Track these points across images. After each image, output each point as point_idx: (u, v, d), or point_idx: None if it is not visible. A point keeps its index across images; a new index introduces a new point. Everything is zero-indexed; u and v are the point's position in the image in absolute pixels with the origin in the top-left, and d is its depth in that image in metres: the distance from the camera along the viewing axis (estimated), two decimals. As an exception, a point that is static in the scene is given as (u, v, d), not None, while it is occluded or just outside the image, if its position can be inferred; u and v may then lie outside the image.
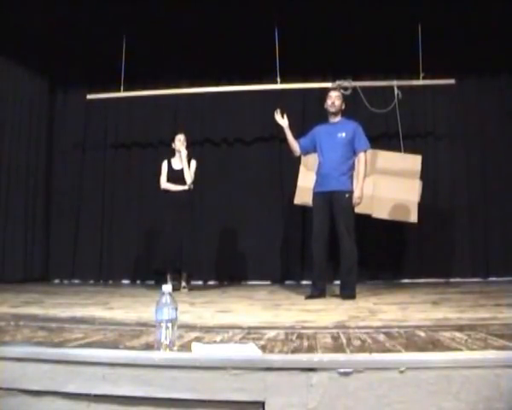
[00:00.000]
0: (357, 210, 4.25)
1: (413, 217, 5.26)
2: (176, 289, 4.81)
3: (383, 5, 5.29)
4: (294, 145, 4.30)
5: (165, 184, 5.11)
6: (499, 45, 5.80)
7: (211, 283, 6.36)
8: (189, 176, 5.05)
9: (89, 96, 6.22)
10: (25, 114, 6.45)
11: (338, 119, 4.18)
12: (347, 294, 3.89)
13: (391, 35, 5.64)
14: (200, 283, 6.16)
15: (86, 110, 6.87)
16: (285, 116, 4.28)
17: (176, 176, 5.07)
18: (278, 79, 5.72)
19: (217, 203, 6.50)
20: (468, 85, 6.18)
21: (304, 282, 5.79)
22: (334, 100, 4.14)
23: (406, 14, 5.41)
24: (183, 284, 5.06)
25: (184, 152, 5.09)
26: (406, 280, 6.03)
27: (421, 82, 5.60)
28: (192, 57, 6.13)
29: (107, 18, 5.55)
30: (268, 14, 5.43)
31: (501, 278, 5.83)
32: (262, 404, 1.48)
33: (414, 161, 5.47)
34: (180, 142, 5.12)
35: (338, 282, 4.21)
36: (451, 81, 5.61)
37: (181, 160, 5.10)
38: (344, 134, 4.08)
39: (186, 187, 5.05)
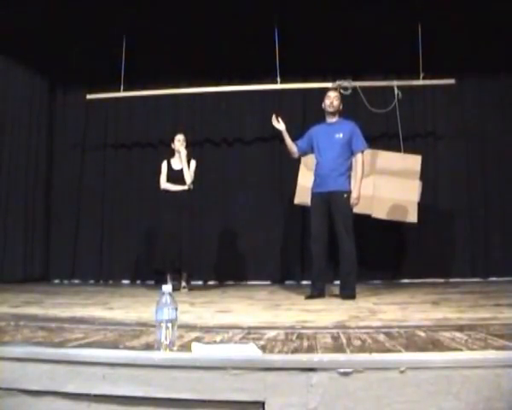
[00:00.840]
0: (357, 210, 4.26)
1: (413, 217, 5.26)
2: (176, 289, 4.81)
3: (383, 5, 5.29)
4: (292, 147, 4.29)
5: (164, 184, 5.11)
6: (499, 45, 5.80)
7: (211, 283, 6.35)
8: (188, 176, 5.05)
9: (89, 96, 6.22)
10: (25, 114, 6.45)
11: (335, 119, 4.18)
12: (347, 294, 3.89)
13: (391, 35, 5.64)
14: (200, 283, 6.16)
15: (86, 110, 6.86)
16: (281, 120, 4.26)
17: (175, 176, 5.07)
18: (278, 79, 5.72)
19: (217, 203, 6.50)
20: (468, 85, 6.18)
21: (304, 282, 5.78)
22: (332, 100, 4.14)
23: (406, 14, 5.41)
24: (183, 284, 5.06)
25: (184, 152, 5.09)
26: (406, 280, 6.02)
27: (421, 82, 5.60)
28: (192, 57, 6.12)
29: (106, 18, 5.55)
30: (268, 14, 5.43)
31: (501, 278, 5.83)
32: (262, 404, 1.48)
33: (414, 161, 5.46)
34: (179, 142, 5.12)
35: (338, 282, 4.21)
36: (451, 81, 5.61)
37: (180, 160, 5.10)
38: (341, 134, 4.08)
39: (186, 187, 5.05)
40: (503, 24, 5.46)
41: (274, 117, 4.28)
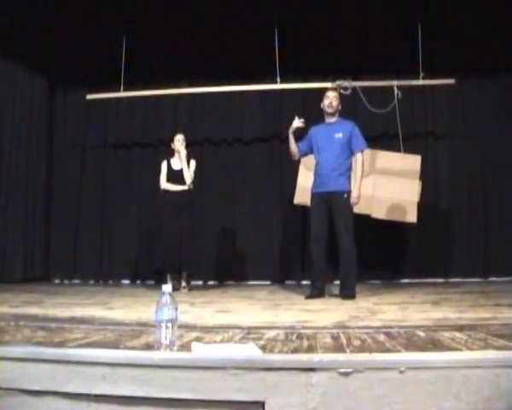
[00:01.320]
0: (357, 210, 4.26)
1: (412, 217, 5.26)
2: (176, 289, 4.82)
3: (383, 5, 5.29)
4: (293, 148, 4.29)
5: (164, 184, 5.11)
6: (499, 45, 5.80)
7: (211, 283, 6.35)
8: (188, 176, 5.05)
9: (89, 96, 6.21)
10: (25, 114, 6.45)
11: (334, 119, 4.18)
12: (347, 294, 3.89)
13: (391, 35, 5.64)
14: (200, 283, 6.16)
15: (86, 110, 6.86)
16: (298, 120, 4.24)
17: (175, 176, 5.07)
18: (278, 79, 5.72)
19: (217, 203, 6.50)
20: (468, 85, 6.19)
21: (304, 282, 5.79)
22: (331, 100, 4.14)
23: (406, 14, 5.41)
24: (183, 284, 5.06)
25: (184, 152, 5.09)
26: (406, 280, 6.03)
27: (421, 82, 5.59)
28: (192, 57, 6.12)
29: (106, 18, 5.54)
30: (268, 14, 5.43)
31: (501, 278, 5.84)
32: (262, 404, 1.48)
33: (413, 161, 5.46)
34: (179, 142, 5.12)
35: (338, 282, 4.21)
36: (451, 81, 5.61)
37: (180, 160, 5.10)
38: (341, 134, 4.08)
39: (186, 187, 5.05)
40: (503, 24, 5.46)
41: (297, 119, 4.24)
